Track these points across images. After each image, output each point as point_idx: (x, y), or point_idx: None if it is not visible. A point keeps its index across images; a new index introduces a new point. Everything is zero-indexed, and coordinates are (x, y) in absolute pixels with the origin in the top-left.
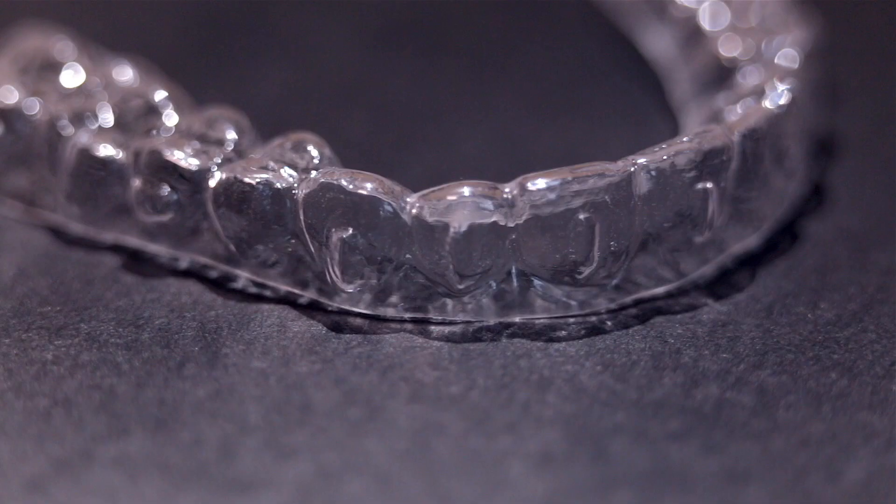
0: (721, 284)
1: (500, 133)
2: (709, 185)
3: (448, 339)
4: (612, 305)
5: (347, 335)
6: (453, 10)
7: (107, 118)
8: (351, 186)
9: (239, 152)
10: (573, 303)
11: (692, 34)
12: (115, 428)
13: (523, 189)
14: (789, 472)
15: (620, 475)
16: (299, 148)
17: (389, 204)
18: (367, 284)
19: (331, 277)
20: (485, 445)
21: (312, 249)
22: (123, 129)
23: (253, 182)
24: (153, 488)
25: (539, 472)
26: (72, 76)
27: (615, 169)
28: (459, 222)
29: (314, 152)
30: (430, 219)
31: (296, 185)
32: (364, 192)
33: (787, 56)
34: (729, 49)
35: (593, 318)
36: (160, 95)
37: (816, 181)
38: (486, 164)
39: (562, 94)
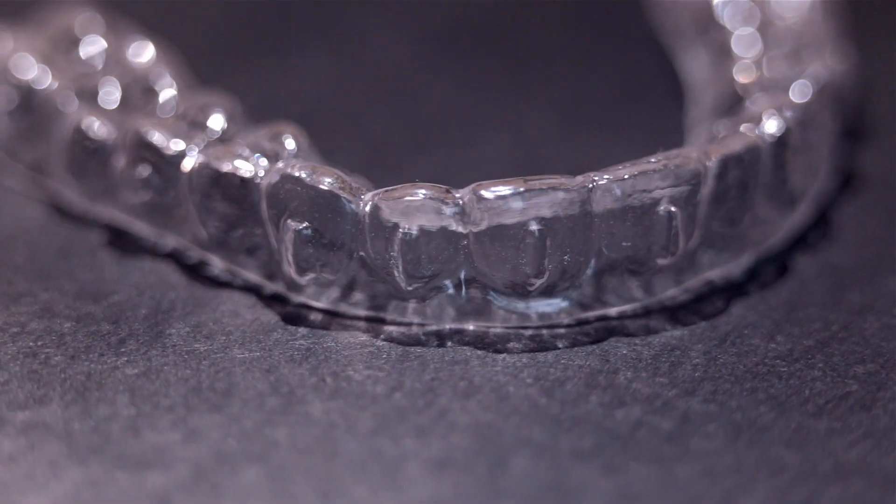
0: (687, 309)
1: (521, 141)
2: (672, 208)
3: (393, 339)
4: (571, 320)
5: (295, 327)
6: (504, 19)
7: (113, 97)
8: (308, 179)
9: (224, 139)
10: (532, 315)
11: (723, 57)
12: (36, 396)
13: (477, 196)
14: (681, 500)
15: (512, 488)
16: (278, 138)
17: (344, 199)
18: (321, 278)
19: (285, 268)
20: (388, 447)
21: (273, 240)
22: (128, 108)
23: (222, 169)
24: (49, 457)
25: (432, 476)
26: (88, 52)
27: (572, 184)
28: (410, 223)
29: (291, 144)
30: (381, 217)
31: (262, 174)
32: (320, 187)
33: (801, 87)
34: (746, 76)
35: (545, 332)
36: (163, 78)
37: (823, 213)
38: (498, 170)
39: (591, 109)
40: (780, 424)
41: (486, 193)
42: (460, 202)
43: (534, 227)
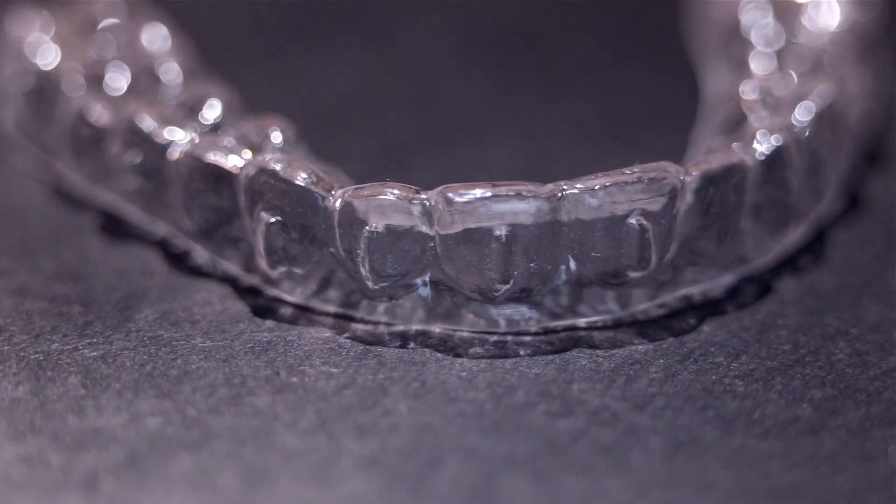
0: (657, 324)
1: (536, 148)
2: (644, 220)
3: (357, 337)
4: (539, 329)
5: (262, 320)
6: (539, 25)
7: (119, 83)
8: (283, 173)
9: (216, 129)
10: (502, 321)
11: (740, 73)
12: None
13: (444, 199)
14: None
15: (437, 491)
16: (265, 131)
17: (317, 195)
18: (292, 272)
19: (257, 261)
20: (324, 443)
21: (249, 232)
22: (135, 95)
23: (205, 159)
24: None
25: (360, 475)
26: (103, 38)
27: (541, 191)
28: (377, 222)
29: (277, 137)
30: (350, 214)
31: (241, 166)
32: (293, 181)
33: (805, 108)
34: (751, 93)
35: (510, 339)
36: (170, 66)
37: (821, 236)
38: (505, 175)
39: (612, 119)
40: (722, 444)
41: (452, 196)
42: (427, 203)
43: (499, 232)
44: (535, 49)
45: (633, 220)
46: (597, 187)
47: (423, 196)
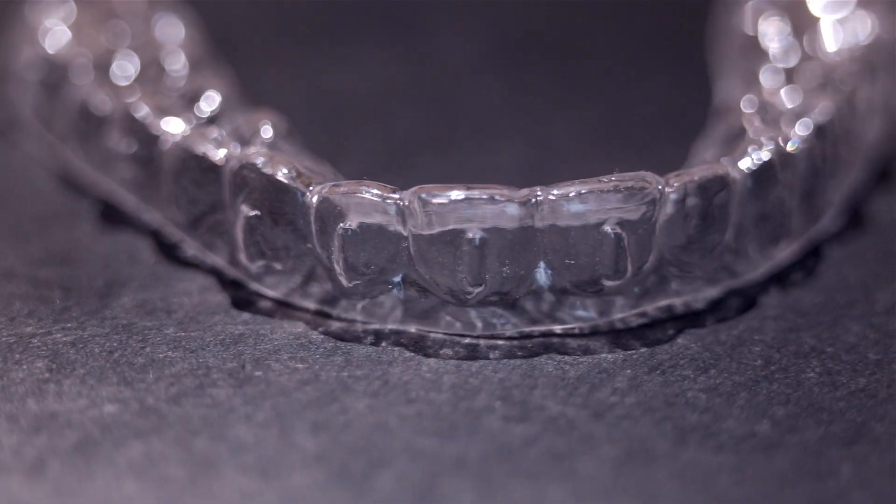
0: (633, 334)
1: (545, 153)
2: (619, 230)
3: (330, 334)
4: (515, 333)
5: (239, 312)
6: (565, 32)
7: (127, 72)
8: (263, 167)
9: (213, 122)
10: (478, 323)
11: (750, 86)
12: None
13: (418, 199)
14: None
15: (378, 490)
16: (255, 125)
17: (295, 190)
18: (271, 267)
19: (237, 254)
20: (274, 437)
21: (231, 224)
22: (143, 85)
23: (193, 151)
24: None
25: (304, 471)
26: (119, 29)
27: (516, 196)
28: (351, 219)
29: (268, 132)
30: (325, 211)
31: (226, 159)
32: (272, 175)
33: (803, 124)
34: (750, 106)
35: (483, 342)
36: (175, 58)
37: (815, 252)
38: (508, 178)
39: (625, 127)
40: (673, 456)
41: (427, 197)
42: (401, 203)
43: (472, 234)
44: (555, 55)
45: (608, 229)
46: (572, 194)
47: (398, 196)
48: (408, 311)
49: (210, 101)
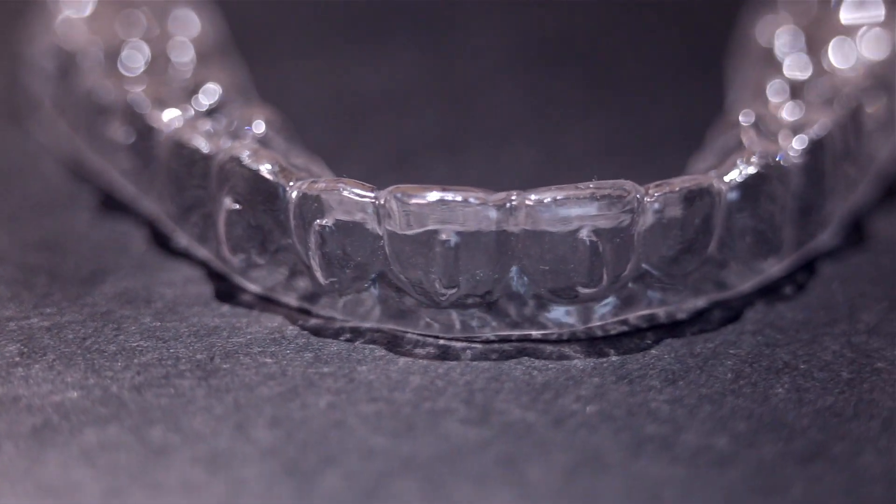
0: (609, 342)
1: (559, 158)
2: (594, 237)
3: (306, 329)
4: (492, 336)
5: (220, 304)
6: (595, 41)
7: (137, 62)
8: (247, 161)
9: (211, 114)
10: (457, 325)
11: (756, 100)
12: None
13: (394, 199)
14: None
15: (324, 486)
16: (250, 119)
17: (277, 185)
18: (251, 260)
19: (219, 246)
20: (227, 432)
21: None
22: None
23: (184, 143)
24: None
25: (251, 465)
26: (133, 17)
27: (490, 199)
28: (328, 216)
29: (260, 126)
30: (304, 207)
31: (215, 152)
32: (254, 169)
33: (799, 139)
34: (746, 119)
35: (457, 345)
36: (183, 50)
37: (807, 267)
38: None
39: (644, 136)
40: (625, 466)
41: (402, 197)
42: (377, 202)
43: (445, 236)
44: (580, 61)
45: (583, 236)
46: (548, 199)
47: (374, 195)
48: (387, 311)
49: (209, 94)
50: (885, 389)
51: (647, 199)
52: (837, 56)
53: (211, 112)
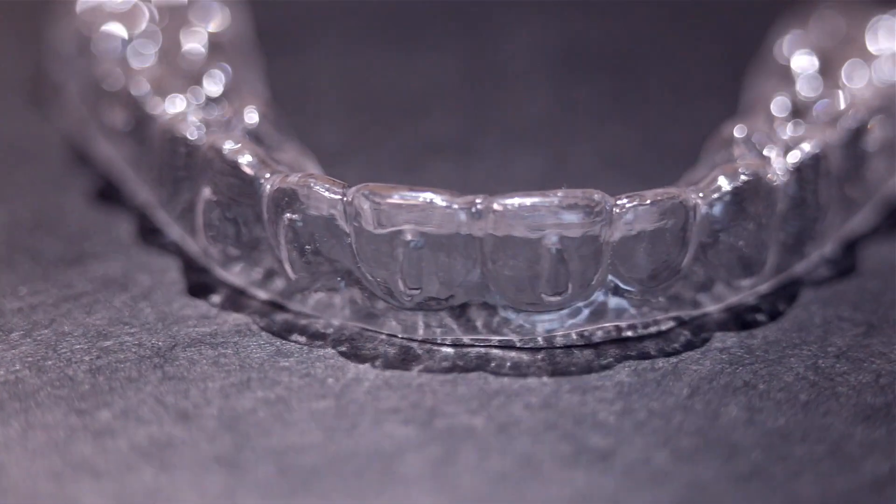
0: (572, 353)
1: (563, 168)
2: (559, 245)
3: (273, 324)
4: (458, 341)
5: (193, 296)
6: (632, 53)
7: (150, 51)
8: (227, 152)
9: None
10: (421, 330)
11: (761, 112)
12: None
13: (362, 197)
14: None
15: (245, 484)
16: (241, 112)
17: (253, 178)
18: (227, 251)
19: (198, 235)
20: (143, 416)
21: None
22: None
23: (173, 132)
24: None
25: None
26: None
27: (455, 201)
28: (297, 211)
29: (251, 118)
30: (276, 202)
31: (201, 143)
32: (232, 160)
33: (790, 158)
34: (741, 130)
35: (418, 349)
36: (194, 39)
37: (793, 289)
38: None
39: (657, 151)
40: (556, 475)
41: (370, 195)
42: (346, 199)
43: (410, 237)
44: (608, 73)
45: (549, 243)
46: (514, 205)
47: (343, 192)
48: (356, 310)
49: (210, 85)
50: (839, 414)
51: (616, 209)
52: (851, 77)
53: (209, 102)
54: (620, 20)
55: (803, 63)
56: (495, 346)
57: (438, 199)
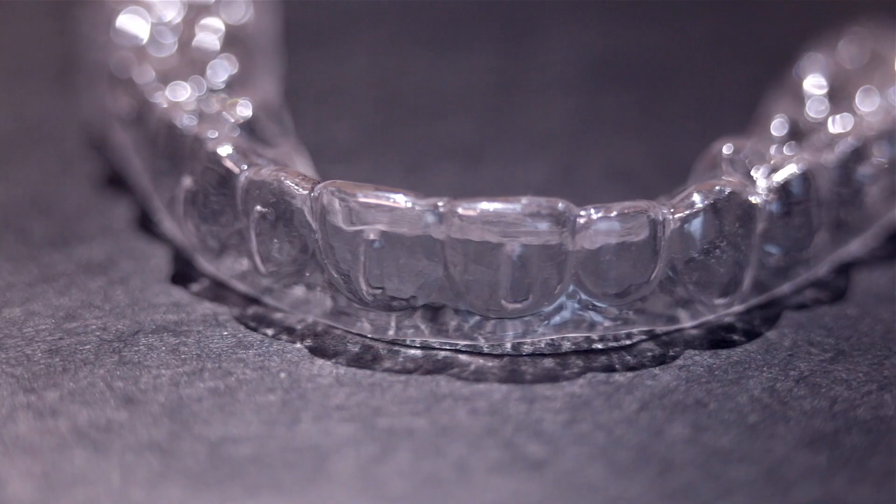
0: (535, 363)
1: (570, 179)
2: (520, 252)
3: (244, 316)
4: (422, 343)
5: (172, 284)
6: (666, 68)
7: (168, 40)
8: (209, 143)
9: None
10: (391, 331)
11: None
12: None
13: (329, 194)
14: None
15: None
16: (234, 105)
17: (228, 170)
18: (206, 241)
19: (179, 223)
20: (88, 399)
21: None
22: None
23: (168, 120)
24: None
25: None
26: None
27: (419, 203)
28: (266, 205)
29: (245, 111)
30: (248, 194)
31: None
32: (211, 151)
33: (773, 178)
34: (728, 148)
35: (382, 349)
36: (209, 31)
37: (769, 308)
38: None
39: (668, 166)
40: (483, 481)
41: (335, 192)
42: (313, 195)
43: (372, 236)
44: (645, 87)
45: (509, 250)
46: (476, 210)
47: (310, 187)
48: (327, 308)
49: (214, 76)
50: (784, 438)
51: (580, 220)
52: (864, 101)
53: (211, 94)
54: (661, 34)
55: (815, 84)
56: (462, 351)
57: (403, 200)
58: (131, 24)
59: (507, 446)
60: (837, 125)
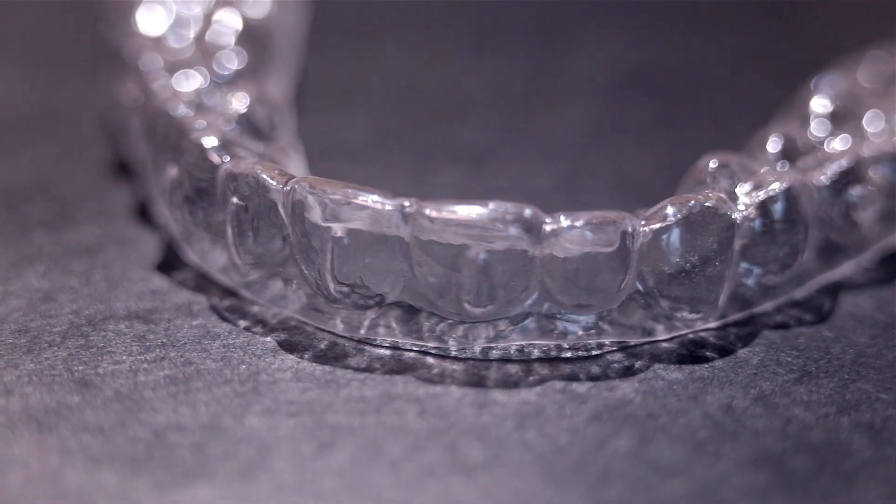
0: (500, 369)
1: (570, 186)
2: (484, 256)
3: (219, 307)
4: (393, 344)
5: (156, 272)
6: (686, 82)
7: (187, 33)
8: (194, 134)
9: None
10: (363, 330)
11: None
12: None
13: (300, 190)
14: None
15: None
16: (235, 97)
17: (208, 161)
18: (189, 230)
19: (167, 212)
20: (51, 380)
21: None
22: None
23: (164, 109)
24: None
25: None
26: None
27: (388, 203)
28: (241, 198)
29: (238, 105)
30: (226, 186)
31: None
32: (196, 142)
33: (753, 195)
34: (714, 163)
35: (350, 347)
36: (225, 23)
37: (747, 325)
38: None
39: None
40: (417, 483)
41: (307, 188)
42: (285, 190)
43: (340, 233)
44: (667, 98)
45: (473, 254)
46: (442, 213)
47: (284, 181)
48: (302, 304)
49: (221, 68)
50: (729, 456)
51: (547, 226)
52: (871, 124)
53: (215, 86)
54: (692, 47)
55: (820, 104)
56: (431, 354)
57: (371, 199)
58: (151, 14)
59: (447, 449)
60: (834, 146)
